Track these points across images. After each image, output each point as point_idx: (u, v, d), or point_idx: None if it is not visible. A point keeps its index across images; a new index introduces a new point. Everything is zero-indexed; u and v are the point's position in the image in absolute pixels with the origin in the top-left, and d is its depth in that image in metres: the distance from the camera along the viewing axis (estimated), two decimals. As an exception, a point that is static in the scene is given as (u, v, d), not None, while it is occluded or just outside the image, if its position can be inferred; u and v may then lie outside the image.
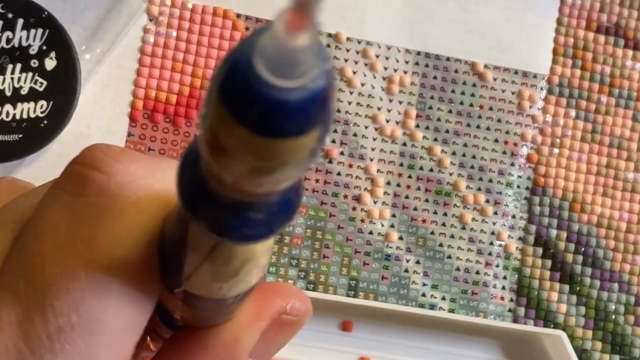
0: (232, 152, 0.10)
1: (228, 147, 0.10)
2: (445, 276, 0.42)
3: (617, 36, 0.45)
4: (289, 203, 0.12)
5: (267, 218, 0.12)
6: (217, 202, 0.11)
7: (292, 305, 0.17)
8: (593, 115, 0.44)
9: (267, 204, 0.11)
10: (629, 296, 0.43)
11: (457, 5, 0.43)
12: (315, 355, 0.40)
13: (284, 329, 0.17)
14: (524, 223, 0.43)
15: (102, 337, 0.13)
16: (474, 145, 0.43)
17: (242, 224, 0.11)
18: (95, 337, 0.13)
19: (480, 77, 0.43)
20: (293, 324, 0.17)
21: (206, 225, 0.12)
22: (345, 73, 0.42)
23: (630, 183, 0.44)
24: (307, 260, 0.41)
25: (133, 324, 0.14)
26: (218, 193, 0.11)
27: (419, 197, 0.42)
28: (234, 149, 0.10)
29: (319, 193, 0.41)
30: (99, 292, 0.13)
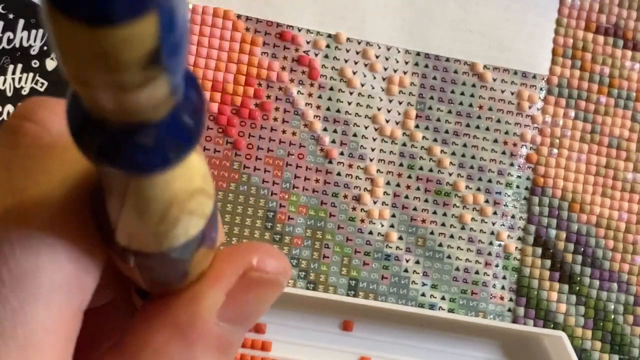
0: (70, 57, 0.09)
1: (65, 52, 0.09)
2: (445, 276, 0.42)
3: (617, 37, 0.45)
4: (180, 125, 0.11)
5: (157, 143, 0.11)
6: (101, 129, 0.11)
7: (260, 260, 0.15)
8: (592, 116, 0.44)
9: (154, 126, 0.11)
10: (628, 296, 0.43)
11: (457, 5, 0.44)
12: (316, 354, 0.40)
13: (254, 288, 0.15)
14: (523, 223, 0.43)
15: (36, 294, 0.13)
16: (473, 146, 0.43)
17: (129, 149, 0.11)
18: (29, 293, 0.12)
19: (479, 77, 0.43)
20: (265, 283, 0.15)
21: (93, 153, 0.11)
22: (345, 73, 0.42)
23: (629, 183, 0.44)
24: (307, 260, 0.41)
25: (74, 282, 0.13)
26: (99, 119, 0.11)
27: (419, 197, 0.42)
28: (69, 53, 0.09)
29: (319, 193, 0.41)
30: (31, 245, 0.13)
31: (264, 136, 0.41)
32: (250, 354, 0.40)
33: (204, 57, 0.41)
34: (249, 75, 0.41)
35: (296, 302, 0.40)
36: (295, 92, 0.42)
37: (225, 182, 0.41)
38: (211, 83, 0.41)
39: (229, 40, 0.41)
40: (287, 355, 0.40)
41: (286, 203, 0.41)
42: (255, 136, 0.41)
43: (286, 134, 0.41)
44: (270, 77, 0.42)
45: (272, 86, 0.42)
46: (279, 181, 0.41)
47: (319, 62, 0.42)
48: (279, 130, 0.41)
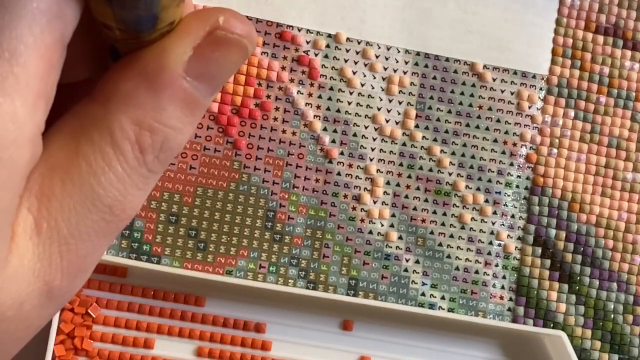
0: None
1: None
2: (445, 276, 0.42)
3: (616, 36, 0.45)
4: None
5: None
6: None
7: (226, 20, 0.16)
8: (592, 116, 0.44)
9: None
10: (628, 295, 0.43)
11: (457, 5, 0.44)
12: (316, 354, 0.40)
13: (220, 46, 0.16)
14: (523, 223, 0.43)
15: (21, 15, 0.13)
16: (473, 145, 0.43)
17: None
18: (14, 13, 0.13)
19: (479, 77, 0.43)
20: (231, 43, 0.16)
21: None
22: (345, 73, 0.42)
23: (629, 183, 0.44)
24: (307, 260, 0.41)
25: (55, 10, 0.14)
26: None
27: (419, 197, 0.42)
28: None
29: (319, 193, 0.41)
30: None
31: (264, 136, 0.41)
32: (250, 353, 0.40)
33: (204, 57, 0.41)
34: (249, 75, 0.41)
35: (296, 302, 0.40)
36: (295, 92, 0.42)
37: (225, 182, 0.41)
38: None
39: (229, 40, 0.41)
40: (287, 355, 0.40)
41: (286, 203, 0.41)
42: (255, 136, 0.41)
43: (286, 134, 0.41)
44: (270, 77, 0.42)
45: (272, 86, 0.42)
46: (279, 181, 0.41)
47: (319, 62, 0.42)
48: (279, 130, 0.41)
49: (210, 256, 0.40)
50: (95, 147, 0.15)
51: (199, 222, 0.40)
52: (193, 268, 0.40)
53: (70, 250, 0.15)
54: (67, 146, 0.15)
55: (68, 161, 0.15)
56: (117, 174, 0.16)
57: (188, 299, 0.40)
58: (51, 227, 0.15)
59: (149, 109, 0.16)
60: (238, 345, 0.40)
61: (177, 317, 0.40)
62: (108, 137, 0.15)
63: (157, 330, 0.39)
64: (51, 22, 0.14)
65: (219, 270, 0.40)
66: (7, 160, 0.14)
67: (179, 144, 0.16)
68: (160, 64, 0.16)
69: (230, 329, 0.40)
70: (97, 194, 0.15)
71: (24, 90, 0.14)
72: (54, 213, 0.15)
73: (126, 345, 0.39)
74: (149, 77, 0.16)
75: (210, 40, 0.16)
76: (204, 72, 0.16)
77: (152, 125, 0.16)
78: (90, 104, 0.16)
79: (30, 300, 0.15)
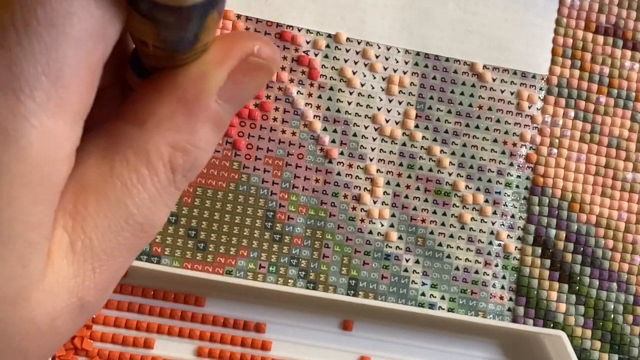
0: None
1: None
2: (445, 276, 0.42)
3: (616, 36, 0.45)
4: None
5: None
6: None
7: (260, 48, 0.17)
8: (592, 116, 0.44)
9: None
10: (628, 295, 0.43)
11: (457, 6, 0.44)
12: (316, 354, 0.40)
13: (251, 71, 0.17)
14: (523, 223, 0.43)
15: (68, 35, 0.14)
16: (473, 146, 0.43)
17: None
18: (61, 33, 0.13)
19: (479, 77, 0.43)
20: (261, 68, 0.17)
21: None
22: (345, 73, 0.42)
23: (629, 183, 0.44)
24: (307, 260, 0.41)
25: (100, 31, 0.14)
26: None
27: (419, 197, 0.42)
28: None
29: (319, 193, 0.41)
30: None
31: (263, 136, 0.41)
32: (250, 353, 0.40)
33: (204, 57, 0.41)
34: (249, 75, 0.41)
35: (296, 301, 0.40)
36: (295, 92, 0.42)
37: (225, 182, 0.41)
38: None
39: (229, 40, 0.41)
40: (287, 354, 0.40)
41: (286, 203, 0.41)
42: (255, 136, 0.41)
43: (286, 134, 0.41)
44: (270, 77, 0.42)
45: (272, 86, 0.42)
46: (279, 181, 0.41)
47: (319, 62, 0.42)
48: (279, 130, 0.41)
49: (210, 256, 0.40)
50: (131, 168, 0.16)
51: (198, 222, 0.40)
52: (193, 268, 0.40)
53: (103, 267, 0.16)
54: (101, 165, 0.16)
55: (102, 180, 0.16)
56: (150, 193, 0.16)
57: (188, 299, 0.40)
58: (85, 245, 0.16)
59: (184, 132, 0.16)
60: (238, 345, 0.40)
61: (177, 317, 0.40)
62: (144, 159, 0.16)
63: (157, 330, 0.39)
64: (95, 44, 0.14)
65: (218, 270, 0.40)
66: (46, 178, 0.14)
67: (204, 163, 0.17)
68: (199, 90, 0.16)
69: (230, 329, 0.40)
70: (130, 213, 0.16)
71: (66, 110, 0.14)
72: (89, 231, 0.16)
73: (126, 345, 0.39)
74: (188, 102, 0.16)
75: (244, 66, 0.17)
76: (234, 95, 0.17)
77: (185, 147, 0.16)
78: (124, 125, 0.16)
79: (63, 316, 0.16)
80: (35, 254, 0.15)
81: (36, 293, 0.15)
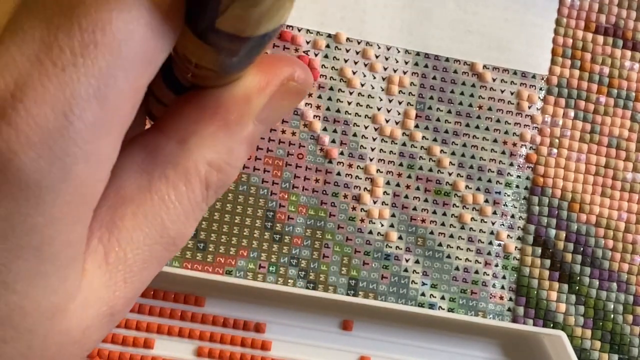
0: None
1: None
2: (445, 276, 0.42)
3: (616, 37, 0.45)
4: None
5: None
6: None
7: (299, 74, 0.17)
8: (592, 116, 0.44)
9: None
10: (628, 295, 0.43)
11: (457, 6, 0.44)
12: (316, 354, 0.40)
13: (289, 95, 0.17)
14: (523, 223, 0.43)
15: (123, 59, 0.14)
16: (473, 146, 0.43)
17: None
18: (117, 57, 0.14)
19: (479, 77, 0.43)
20: (297, 92, 0.18)
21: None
22: (345, 73, 0.42)
23: (629, 183, 0.44)
24: (307, 260, 0.41)
25: (152, 56, 0.14)
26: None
27: (419, 197, 0.42)
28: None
29: (319, 193, 0.41)
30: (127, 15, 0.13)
31: (263, 136, 0.41)
32: (250, 353, 0.40)
33: (204, 57, 0.41)
34: (249, 75, 0.41)
35: (296, 301, 0.40)
36: (295, 92, 0.42)
37: (225, 182, 0.41)
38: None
39: (229, 40, 0.41)
40: (287, 355, 0.40)
41: (286, 203, 0.41)
42: (255, 136, 0.41)
43: (286, 134, 0.41)
44: (270, 77, 0.42)
45: (272, 86, 0.42)
46: (279, 181, 0.41)
47: (319, 62, 0.42)
48: (279, 130, 0.42)
49: (210, 256, 0.40)
50: (170, 184, 0.16)
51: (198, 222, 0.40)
52: (193, 268, 0.40)
53: (134, 278, 0.16)
54: (139, 180, 0.16)
55: (140, 195, 0.16)
56: (185, 209, 0.17)
57: (188, 299, 0.40)
58: (119, 257, 0.16)
59: (223, 152, 0.17)
60: (238, 345, 0.40)
61: (177, 317, 0.40)
62: (183, 176, 0.16)
63: (157, 330, 0.39)
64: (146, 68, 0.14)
65: (218, 270, 0.40)
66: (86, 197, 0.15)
67: (233, 179, 0.18)
68: (242, 112, 0.17)
69: (230, 329, 0.40)
70: (165, 228, 0.17)
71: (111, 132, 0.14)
72: (124, 244, 0.16)
73: (126, 345, 0.39)
74: (230, 123, 0.17)
75: (283, 91, 0.17)
76: (269, 117, 0.17)
77: (221, 166, 0.17)
78: (164, 140, 0.17)
79: (95, 324, 0.16)
80: (73, 269, 0.15)
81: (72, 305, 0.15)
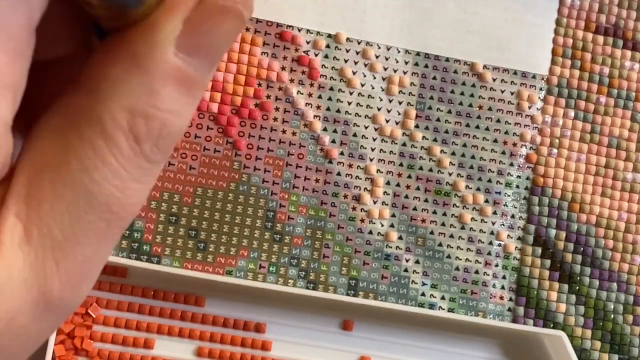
0: None
1: None
2: (445, 276, 0.42)
3: (616, 37, 0.45)
4: None
5: None
6: None
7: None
8: (592, 116, 0.44)
9: None
10: (628, 296, 0.43)
11: (457, 6, 0.44)
12: (316, 354, 0.40)
13: (212, 15, 0.14)
14: (523, 223, 0.43)
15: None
16: (473, 146, 0.43)
17: None
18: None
19: (479, 77, 0.43)
20: (224, 11, 0.15)
21: None
22: (345, 73, 0.42)
23: (629, 183, 0.44)
24: (307, 260, 0.41)
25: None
26: None
27: (419, 197, 0.42)
28: None
29: (319, 193, 0.41)
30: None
31: (264, 136, 0.41)
32: (250, 353, 0.40)
33: (204, 57, 0.41)
34: (249, 75, 0.41)
35: (296, 302, 0.40)
36: (295, 92, 0.42)
37: (225, 182, 0.41)
38: (211, 83, 0.41)
39: (229, 40, 0.41)
40: (287, 355, 0.40)
41: (286, 203, 0.41)
42: (255, 136, 0.41)
43: (286, 134, 0.41)
44: (270, 77, 0.42)
45: (272, 86, 0.42)
46: (279, 181, 0.41)
47: (319, 62, 0.42)
48: (279, 130, 0.41)
49: (210, 256, 0.40)
50: (86, 142, 0.14)
51: (198, 222, 0.40)
52: (193, 268, 0.40)
53: (67, 256, 0.14)
54: (55, 144, 0.14)
55: (57, 160, 0.14)
56: (111, 168, 0.14)
57: (188, 299, 0.40)
58: (43, 233, 0.14)
59: (142, 94, 0.14)
60: (238, 345, 0.40)
61: (177, 317, 0.40)
62: (99, 129, 0.14)
63: (157, 330, 0.39)
64: (15, 8, 0.13)
65: (219, 270, 0.40)
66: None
67: (179, 128, 0.15)
68: (149, 42, 0.14)
69: (230, 329, 0.40)
70: (91, 193, 0.14)
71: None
72: (45, 217, 0.14)
73: (126, 346, 0.39)
74: (139, 59, 0.14)
75: (201, 11, 0.14)
76: (198, 45, 0.15)
77: (147, 111, 0.14)
78: (77, 94, 0.15)
79: (24, 313, 0.14)
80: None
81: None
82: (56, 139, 0.14)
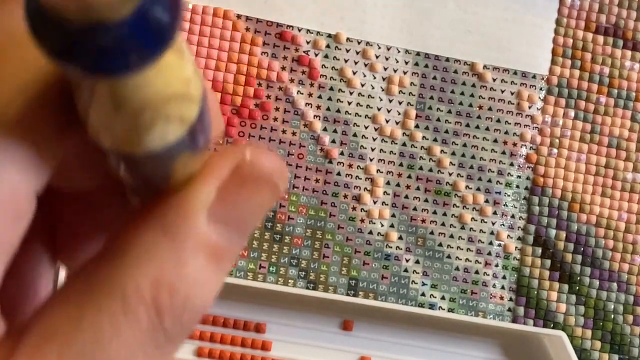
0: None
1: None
2: (445, 276, 0.42)
3: (616, 37, 0.45)
4: (145, 26, 0.10)
5: (118, 45, 0.10)
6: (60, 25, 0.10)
7: (251, 155, 0.14)
8: (592, 116, 0.44)
9: (115, 25, 0.10)
10: (628, 296, 0.43)
11: (457, 6, 0.44)
12: (316, 354, 0.40)
13: (247, 185, 0.14)
14: (523, 223, 0.43)
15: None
16: (473, 146, 0.43)
17: (87, 50, 0.10)
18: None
19: (479, 77, 0.43)
20: (259, 180, 0.14)
21: (51, 52, 0.10)
22: (345, 73, 0.42)
23: (629, 183, 0.44)
24: (307, 260, 0.41)
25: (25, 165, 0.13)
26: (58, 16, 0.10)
27: (419, 197, 0.42)
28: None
29: (319, 193, 0.41)
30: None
31: (264, 136, 0.41)
32: (250, 353, 0.40)
33: (204, 57, 0.41)
34: (249, 75, 0.41)
35: (296, 302, 0.40)
36: (295, 92, 0.42)
37: (225, 182, 0.41)
38: (211, 83, 0.41)
39: (229, 40, 0.41)
40: (287, 355, 0.40)
41: (286, 203, 0.41)
42: (255, 136, 0.41)
43: (286, 134, 0.41)
44: (270, 77, 0.42)
45: (272, 86, 0.42)
46: (279, 181, 0.41)
47: (319, 62, 0.42)
48: (279, 130, 0.41)
49: (210, 256, 0.40)
50: (103, 312, 0.13)
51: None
52: (193, 268, 0.40)
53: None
54: (71, 311, 0.13)
55: (70, 328, 0.13)
56: (127, 344, 0.13)
57: (188, 299, 0.40)
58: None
59: (170, 265, 0.13)
60: (238, 345, 0.40)
61: (177, 317, 0.40)
62: (119, 300, 0.13)
63: (157, 330, 0.39)
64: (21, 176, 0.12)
65: (219, 270, 0.40)
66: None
67: (204, 302, 0.14)
68: (180, 213, 0.13)
69: (230, 329, 0.40)
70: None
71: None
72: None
73: (126, 345, 0.39)
74: (170, 229, 0.13)
75: (236, 179, 0.14)
76: (231, 215, 0.14)
77: (172, 284, 0.13)
78: (99, 262, 0.14)
79: None
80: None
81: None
82: (73, 307, 0.13)
